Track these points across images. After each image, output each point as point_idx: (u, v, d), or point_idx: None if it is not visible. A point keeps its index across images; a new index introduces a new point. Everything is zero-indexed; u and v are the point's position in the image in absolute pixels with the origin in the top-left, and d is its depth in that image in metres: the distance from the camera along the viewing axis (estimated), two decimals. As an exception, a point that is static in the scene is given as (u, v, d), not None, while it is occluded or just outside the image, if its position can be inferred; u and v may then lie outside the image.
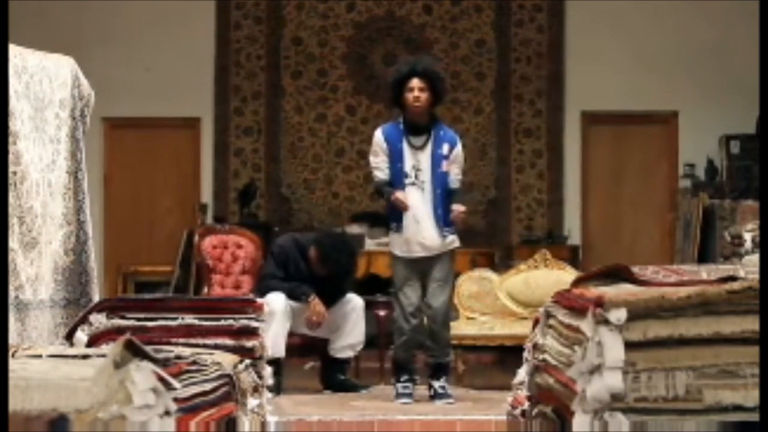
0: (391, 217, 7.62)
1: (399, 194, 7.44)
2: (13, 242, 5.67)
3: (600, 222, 12.47)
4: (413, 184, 7.50)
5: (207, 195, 12.45)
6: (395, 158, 7.53)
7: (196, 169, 12.55)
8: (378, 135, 7.65)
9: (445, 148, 7.54)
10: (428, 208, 7.50)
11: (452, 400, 7.50)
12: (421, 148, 7.52)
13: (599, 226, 12.46)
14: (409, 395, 7.55)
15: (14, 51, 5.81)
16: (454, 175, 7.60)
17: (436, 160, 7.51)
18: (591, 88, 12.34)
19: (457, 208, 7.50)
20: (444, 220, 7.52)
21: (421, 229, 7.49)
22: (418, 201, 7.49)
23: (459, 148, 7.64)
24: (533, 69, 12.49)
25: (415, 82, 7.49)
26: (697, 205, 10.50)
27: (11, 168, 5.69)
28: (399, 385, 7.60)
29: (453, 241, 7.61)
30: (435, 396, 7.53)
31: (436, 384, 7.55)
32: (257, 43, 12.54)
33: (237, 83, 12.52)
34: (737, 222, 9.59)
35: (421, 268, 7.55)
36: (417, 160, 7.50)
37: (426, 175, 7.49)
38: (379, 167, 7.60)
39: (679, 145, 12.40)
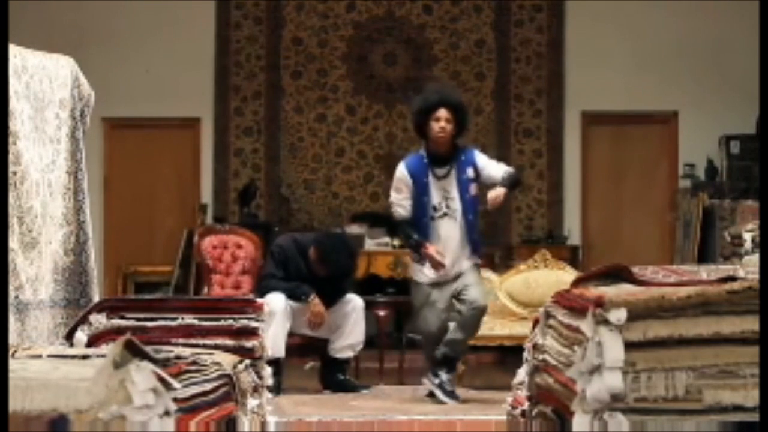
0: (415, 250, 7.50)
1: (432, 250, 7.32)
2: (13, 242, 5.67)
3: (600, 222, 12.47)
4: (445, 215, 7.43)
5: (207, 195, 12.45)
6: (421, 192, 7.43)
7: (196, 169, 12.55)
8: (402, 170, 7.51)
9: (470, 172, 7.46)
10: (459, 237, 7.43)
11: (451, 401, 7.46)
12: (446, 177, 7.44)
13: (599, 226, 12.46)
14: (451, 393, 7.44)
15: (14, 51, 5.81)
16: (498, 170, 7.46)
17: (464, 185, 7.44)
18: (591, 88, 12.34)
19: (498, 191, 7.31)
20: (476, 246, 7.49)
21: (450, 261, 7.43)
22: (451, 232, 7.42)
23: (479, 158, 7.52)
24: (533, 69, 12.49)
25: (443, 113, 7.38)
26: (697, 205, 10.51)
27: (11, 168, 5.69)
28: (435, 379, 7.49)
29: (477, 260, 7.57)
30: (440, 386, 7.45)
31: (444, 376, 7.47)
32: (257, 43, 12.54)
33: (237, 83, 12.52)
34: (737, 222, 9.61)
35: (444, 286, 7.48)
36: (445, 190, 7.43)
37: (456, 203, 7.43)
38: (401, 204, 7.49)
39: (679, 145, 12.40)
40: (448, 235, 7.43)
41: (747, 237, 8.20)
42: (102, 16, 12.25)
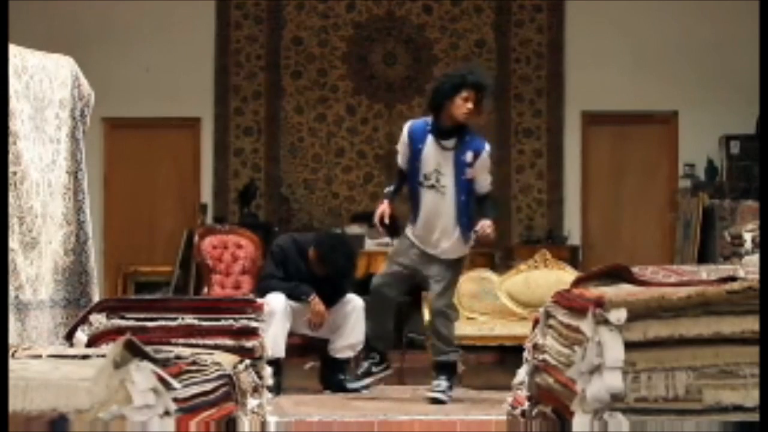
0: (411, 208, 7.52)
1: (381, 207, 7.36)
2: (13, 242, 5.67)
3: (600, 222, 12.47)
4: (432, 187, 7.33)
5: (207, 195, 12.46)
6: (413, 157, 7.36)
7: (196, 169, 12.55)
8: (406, 129, 7.46)
9: (469, 156, 7.33)
10: (450, 215, 7.34)
11: (445, 399, 7.39)
12: (448, 151, 7.32)
13: (599, 226, 12.46)
14: (366, 375, 7.56)
15: (14, 51, 5.81)
16: (483, 180, 7.40)
17: (460, 166, 7.31)
18: (591, 88, 12.34)
19: (484, 224, 7.27)
20: (468, 227, 7.34)
21: (432, 239, 7.37)
22: (436, 207, 7.34)
23: (485, 155, 7.39)
24: (533, 69, 12.50)
25: (473, 95, 7.28)
26: (697, 205, 10.50)
27: (11, 168, 5.69)
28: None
29: (464, 249, 7.47)
30: (431, 391, 7.48)
31: (433, 382, 7.50)
32: (257, 43, 12.54)
33: (237, 83, 12.52)
34: (737, 222, 9.60)
35: (421, 260, 7.45)
36: (439, 164, 7.32)
37: (449, 180, 7.31)
38: (402, 152, 7.46)
39: (679, 145, 12.41)
40: (433, 209, 7.34)
41: (747, 237, 8.20)
42: (102, 15, 12.25)
